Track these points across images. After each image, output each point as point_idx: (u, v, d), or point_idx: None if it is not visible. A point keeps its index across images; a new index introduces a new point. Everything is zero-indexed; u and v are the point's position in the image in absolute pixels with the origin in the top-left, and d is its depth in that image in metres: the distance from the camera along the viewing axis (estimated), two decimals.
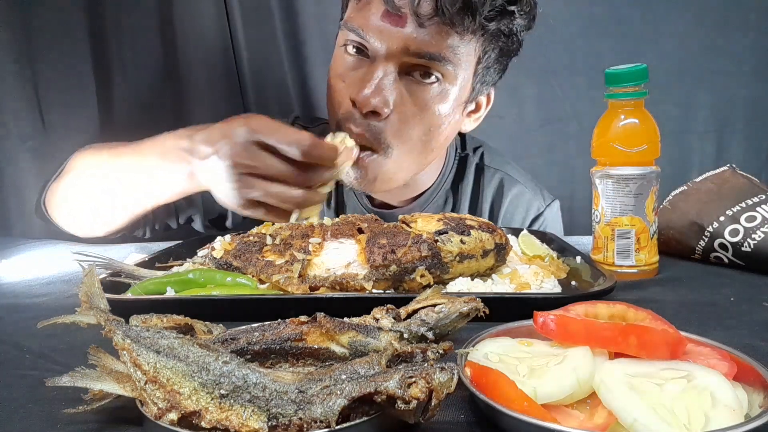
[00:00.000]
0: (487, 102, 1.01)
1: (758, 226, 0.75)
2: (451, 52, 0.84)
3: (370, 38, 0.83)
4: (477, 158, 1.14)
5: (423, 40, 0.82)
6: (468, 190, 1.12)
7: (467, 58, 0.86)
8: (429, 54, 0.83)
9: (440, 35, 0.82)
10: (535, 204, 1.15)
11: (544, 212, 1.15)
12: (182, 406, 0.34)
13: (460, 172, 1.13)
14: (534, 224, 1.14)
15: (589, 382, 0.38)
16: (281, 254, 0.70)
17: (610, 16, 1.41)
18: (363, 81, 0.84)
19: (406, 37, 0.82)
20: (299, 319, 0.44)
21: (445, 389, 0.34)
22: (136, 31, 1.39)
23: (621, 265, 0.75)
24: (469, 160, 1.13)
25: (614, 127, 0.74)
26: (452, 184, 1.12)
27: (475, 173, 1.13)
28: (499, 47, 0.89)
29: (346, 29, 0.87)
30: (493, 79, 0.95)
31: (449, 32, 0.82)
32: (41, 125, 1.35)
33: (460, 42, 0.84)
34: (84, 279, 0.47)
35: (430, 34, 0.82)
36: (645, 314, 0.46)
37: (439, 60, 0.83)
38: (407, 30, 0.81)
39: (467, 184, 1.12)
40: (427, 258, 0.67)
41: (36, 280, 0.83)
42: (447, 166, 1.11)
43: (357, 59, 0.87)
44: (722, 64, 1.42)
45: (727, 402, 0.34)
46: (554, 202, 1.17)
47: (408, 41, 0.82)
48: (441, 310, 0.49)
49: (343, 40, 0.88)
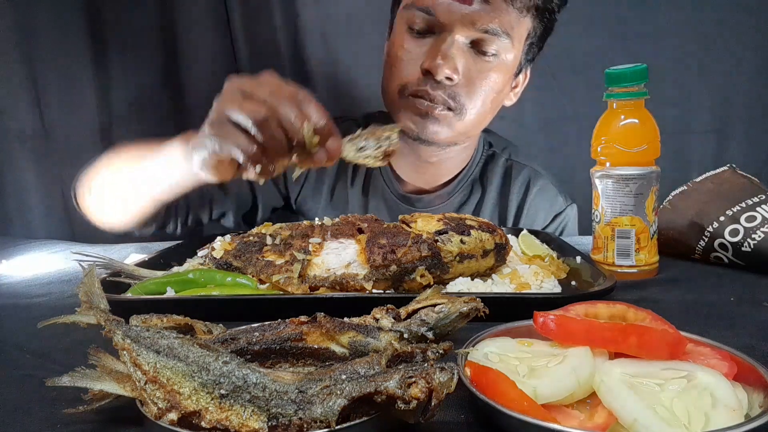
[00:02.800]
0: (524, 78, 1.10)
1: (758, 226, 0.75)
2: (510, 27, 0.94)
3: (439, 15, 0.93)
4: (506, 155, 1.20)
5: (487, 15, 0.92)
6: (496, 183, 1.17)
7: (520, 33, 0.97)
8: (492, 29, 0.93)
9: (501, 11, 0.92)
10: (559, 200, 1.19)
11: (566, 210, 1.18)
12: (182, 406, 0.34)
13: (488, 166, 1.18)
14: (555, 220, 1.18)
15: (589, 382, 0.38)
16: (281, 254, 0.70)
17: (610, 16, 1.42)
18: (434, 52, 0.94)
19: (472, 14, 0.92)
20: (299, 319, 0.44)
21: (445, 389, 0.34)
22: (136, 32, 1.39)
23: (621, 265, 0.75)
24: (497, 156, 1.19)
25: (614, 127, 0.74)
26: (479, 175, 1.17)
27: (504, 168, 1.18)
28: (543, 25, 1.00)
29: (414, 9, 0.95)
30: (534, 55, 1.05)
31: (509, 9, 0.93)
32: (41, 125, 1.35)
33: (517, 18, 0.94)
34: (84, 279, 0.47)
35: (493, 9, 0.92)
36: (645, 314, 0.46)
37: (499, 34, 0.93)
38: (474, 7, 0.92)
39: (495, 178, 1.17)
40: (427, 258, 0.67)
41: (36, 280, 0.83)
42: (475, 157, 1.16)
43: (421, 39, 0.97)
44: (722, 64, 1.42)
45: (727, 402, 0.34)
46: (574, 204, 1.21)
47: (474, 17, 0.92)
48: (441, 310, 0.49)
49: (406, 21, 0.97)
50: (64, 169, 1.38)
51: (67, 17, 1.34)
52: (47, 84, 1.34)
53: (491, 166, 1.18)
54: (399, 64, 0.99)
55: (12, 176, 1.35)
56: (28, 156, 1.35)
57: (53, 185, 1.38)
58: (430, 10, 0.93)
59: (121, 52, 1.39)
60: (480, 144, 1.18)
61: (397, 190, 1.13)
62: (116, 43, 1.39)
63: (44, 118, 1.35)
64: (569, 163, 1.48)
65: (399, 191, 1.13)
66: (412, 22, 0.97)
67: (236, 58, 1.41)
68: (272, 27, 1.39)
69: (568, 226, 1.18)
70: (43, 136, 1.35)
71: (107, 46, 1.38)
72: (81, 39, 1.35)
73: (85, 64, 1.36)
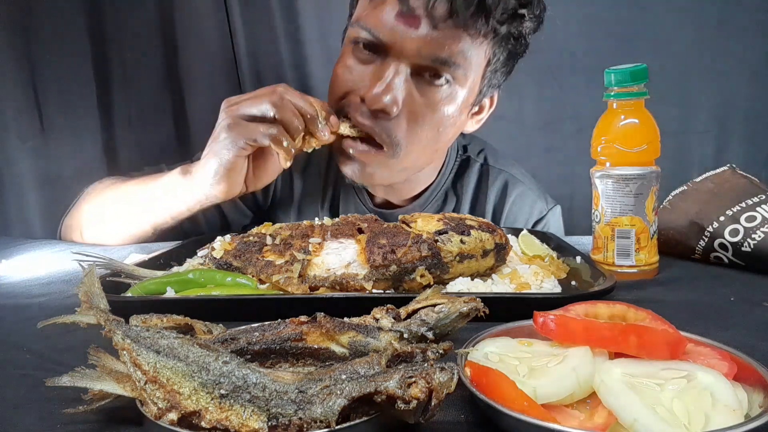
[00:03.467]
0: (490, 104, 1.02)
1: (758, 226, 0.75)
2: (462, 56, 0.84)
3: (383, 38, 0.84)
4: (481, 159, 1.15)
5: (436, 42, 0.82)
6: (470, 189, 1.12)
7: (477, 61, 0.87)
8: (441, 58, 0.83)
9: (453, 38, 0.82)
10: (539, 206, 1.15)
11: (546, 215, 1.15)
12: (182, 406, 0.34)
13: (462, 172, 1.13)
14: (536, 226, 1.14)
15: (589, 382, 0.38)
16: (281, 254, 0.70)
17: (610, 16, 1.42)
18: (374, 78, 0.85)
19: (419, 39, 0.82)
20: (299, 319, 0.44)
21: (445, 389, 0.34)
22: (136, 32, 1.39)
23: (621, 265, 0.75)
24: (471, 161, 1.14)
25: (614, 127, 0.74)
26: (453, 183, 1.12)
27: (479, 174, 1.13)
28: (507, 50, 0.90)
29: (359, 27, 0.87)
30: (499, 81, 0.96)
31: (461, 35, 0.83)
32: (41, 125, 1.35)
33: (471, 45, 0.84)
34: (84, 279, 0.47)
35: (443, 36, 0.82)
36: (645, 314, 0.46)
37: (450, 65, 0.84)
38: (421, 32, 0.82)
39: (469, 184, 1.12)
40: (427, 258, 0.67)
41: (36, 280, 0.83)
42: (447, 166, 1.11)
43: (367, 56, 0.88)
44: (722, 64, 1.42)
45: (727, 402, 0.34)
46: (556, 207, 1.17)
47: (421, 43, 0.82)
48: (441, 310, 0.49)
49: (353, 37, 0.89)
50: (64, 170, 1.38)
51: (67, 17, 1.34)
52: (47, 84, 1.34)
53: (465, 172, 1.12)
54: (338, 81, 0.90)
55: (12, 176, 1.35)
56: (28, 156, 1.35)
57: (53, 185, 1.38)
58: (374, 30, 0.84)
59: (121, 52, 1.39)
60: (452, 149, 1.11)
61: (369, 204, 1.09)
62: (116, 43, 1.38)
63: (44, 118, 1.35)
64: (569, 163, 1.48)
65: (370, 206, 1.09)
66: (357, 41, 0.88)
67: (236, 58, 1.41)
68: (272, 27, 1.39)
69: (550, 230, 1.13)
70: (43, 135, 1.35)
71: (107, 46, 1.38)
72: (81, 39, 1.35)
73: (85, 64, 1.36)
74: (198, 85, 1.43)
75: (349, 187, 1.09)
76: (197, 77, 1.43)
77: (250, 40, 1.40)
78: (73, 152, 1.37)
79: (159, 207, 0.93)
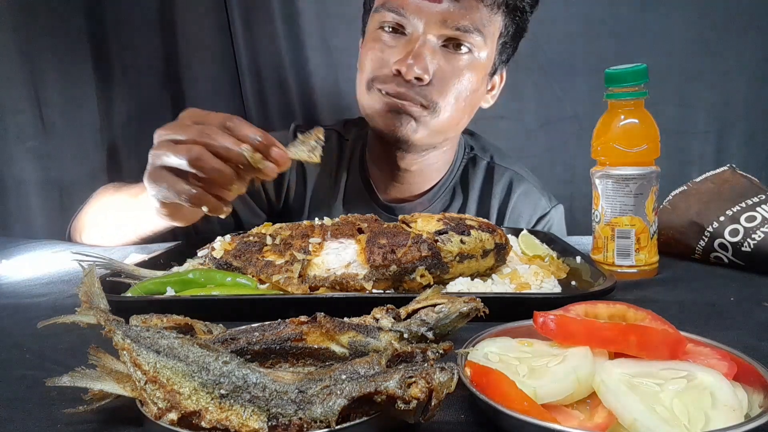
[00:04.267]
0: (500, 80, 1.10)
1: (758, 226, 0.75)
2: (480, 23, 0.95)
3: (410, 16, 0.94)
4: (487, 158, 1.19)
5: (458, 13, 0.93)
6: (477, 187, 1.16)
7: (492, 31, 0.98)
8: (463, 26, 0.93)
9: (472, 9, 0.94)
10: (542, 203, 1.18)
11: (550, 212, 1.18)
12: (182, 406, 0.34)
13: (469, 170, 1.17)
14: (540, 223, 1.17)
15: (589, 382, 0.38)
16: (281, 254, 0.70)
17: (610, 16, 1.42)
18: (405, 51, 0.94)
19: (443, 12, 0.93)
20: (299, 319, 0.44)
21: (445, 389, 0.34)
22: (136, 31, 1.39)
23: (621, 265, 0.75)
24: (478, 159, 1.18)
25: (614, 127, 0.74)
26: (460, 180, 1.16)
27: (485, 171, 1.17)
28: (515, 24, 1.00)
29: (385, 10, 0.96)
30: (508, 56, 1.06)
31: (479, 6, 0.94)
32: (41, 125, 1.35)
33: (488, 15, 0.95)
34: (84, 279, 0.47)
35: (463, 8, 0.93)
36: (645, 314, 0.46)
37: (471, 31, 0.94)
38: (443, 5, 0.93)
39: (476, 182, 1.16)
40: (427, 258, 0.67)
41: (36, 280, 0.83)
42: (455, 163, 1.15)
43: (394, 36, 0.97)
44: (722, 64, 1.42)
45: (727, 402, 0.34)
46: (559, 205, 1.20)
47: (445, 15, 0.93)
48: (441, 310, 0.49)
49: (378, 22, 0.98)
50: (64, 169, 1.38)
51: (67, 17, 1.34)
52: (47, 84, 1.34)
53: (472, 170, 1.17)
54: (369, 62, 0.99)
55: (12, 176, 1.35)
56: (28, 156, 1.35)
57: (53, 185, 1.38)
58: (401, 10, 0.94)
59: (121, 52, 1.39)
60: (460, 148, 1.17)
61: (378, 199, 1.13)
62: (116, 43, 1.39)
63: (44, 118, 1.35)
64: (569, 163, 1.48)
65: (380, 201, 1.12)
66: (383, 23, 0.97)
67: (236, 58, 1.41)
68: (272, 27, 1.39)
69: (553, 228, 1.17)
70: (43, 136, 1.35)
71: (107, 46, 1.38)
72: (81, 39, 1.35)
73: (85, 64, 1.36)
74: (198, 85, 1.43)
75: (359, 184, 1.13)
76: (197, 77, 1.43)
77: (250, 40, 1.39)
78: (74, 152, 1.38)
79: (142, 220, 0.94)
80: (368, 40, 1.01)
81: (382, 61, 0.97)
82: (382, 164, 1.09)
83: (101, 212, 1.06)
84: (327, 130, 1.17)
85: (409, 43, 0.95)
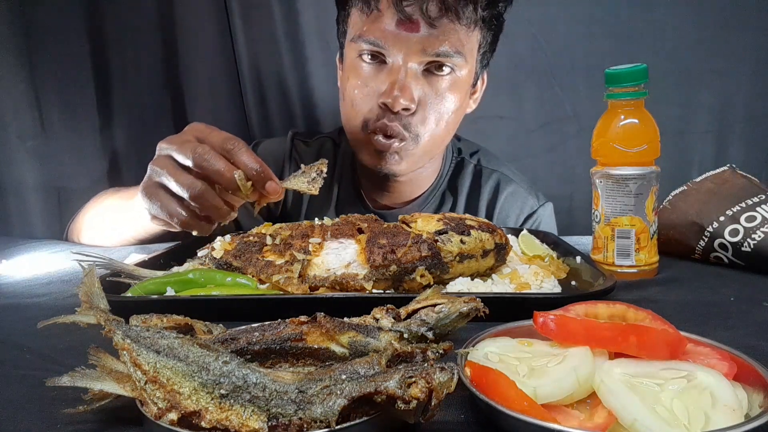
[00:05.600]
0: (482, 84, 1.10)
1: (758, 226, 0.75)
2: (459, 45, 0.93)
3: (389, 47, 0.93)
4: (474, 161, 1.20)
5: (436, 40, 0.91)
6: (465, 190, 1.17)
7: (471, 48, 0.97)
8: (443, 52, 0.92)
9: (449, 33, 0.92)
10: (529, 202, 1.19)
11: (537, 210, 1.19)
12: (182, 406, 0.34)
13: (457, 174, 1.18)
14: (527, 222, 1.18)
15: (589, 382, 0.38)
16: (281, 254, 0.70)
17: (610, 16, 1.42)
18: (389, 84, 0.93)
19: (421, 40, 0.91)
20: (299, 319, 0.44)
21: (445, 389, 0.34)
22: (136, 32, 1.39)
23: (621, 265, 0.75)
24: (465, 162, 1.19)
25: (614, 127, 0.74)
26: (449, 184, 1.17)
27: (473, 175, 1.19)
28: (492, 32, 1.00)
29: (362, 42, 0.94)
30: (488, 60, 1.05)
31: (456, 28, 0.92)
32: (41, 125, 1.35)
33: (466, 35, 0.94)
34: (84, 279, 0.47)
35: (441, 33, 0.91)
36: (645, 314, 0.46)
37: (451, 55, 0.93)
38: (421, 33, 0.91)
39: (464, 185, 1.17)
40: (427, 258, 0.67)
41: (36, 280, 0.83)
42: (444, 168, 1.17)
43: (374, 66, 0.96)
44: (722, 64, 1.42)
45: (727, 402, 0.34)
46: (548, 203, 1.21)
47: (424, 43, 0.91)
48: (441, 310, 0.49)
49: (355, 52, 0.97)
50: (64, 169, 1.38)
51: (67, 17, 1.34)
52: (47, 84, 1.34)
53: (460, 173, 1.18)
54: (357, 101, 0.98)
55: (12, 176, 1.36)
56: (28, 156, 1.35)
57: (53, 185, 1.38)
58: (379, 42, 0.93)
59: (121, 52, 1.39)
60: (448, 152, 1.18)
61: (369, 208, 1.14)
62: (116, 43, 1.39)
63: (44, 118, 1.35)
64: (569, 163, 1.48)
65: (370, 209, 1.14)
66: (362, 53, 0.96)
67: (236, 59, 1.41)
68: (272, 27, 1.39)
69: (542, 226, 1.18)
70: (43, 136, 1.35)
71: (107, 46, 1.38)
72: (81, 39, 1.35)
73: (85, 64, 1.36)
74: (198, 85, 1.43)
75: (350, 192, 1.15)
76: (197, 77, 1.43)
77: (250, 40, 1.39)
78: (73, 152, 1.38)
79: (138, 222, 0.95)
80: (348, 69, 1.00)
81: (367, 94, 0.96)
82: (371, 174, 1.09)
83: (98, 214, 1.07)
84: (323, 138, 1.21)
85: (391, 73, 0.94)
